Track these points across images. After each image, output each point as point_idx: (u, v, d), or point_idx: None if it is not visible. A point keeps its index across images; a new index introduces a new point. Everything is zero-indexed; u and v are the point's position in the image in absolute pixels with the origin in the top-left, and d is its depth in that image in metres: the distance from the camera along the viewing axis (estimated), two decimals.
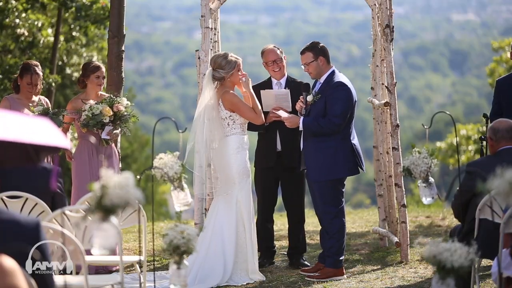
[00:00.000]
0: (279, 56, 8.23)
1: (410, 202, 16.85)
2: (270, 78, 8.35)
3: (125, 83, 9.46)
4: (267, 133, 8.18)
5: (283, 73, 8.28)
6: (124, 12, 9.36)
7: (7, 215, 3.61)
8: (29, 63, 8.51)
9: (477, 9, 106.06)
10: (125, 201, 4.12)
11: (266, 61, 8.27)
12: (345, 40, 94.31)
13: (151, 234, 6.65)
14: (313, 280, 7.63)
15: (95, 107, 8.04)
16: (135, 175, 4.32)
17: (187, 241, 4.56)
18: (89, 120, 8.05)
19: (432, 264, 4.15)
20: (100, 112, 8.03)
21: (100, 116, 8.03)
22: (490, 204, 5.90)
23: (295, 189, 8.29)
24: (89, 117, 8.04)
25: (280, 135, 8.16)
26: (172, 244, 4.56)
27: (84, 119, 8.08)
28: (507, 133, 6.13)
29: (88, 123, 8.06)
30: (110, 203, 4.10)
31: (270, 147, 8.20)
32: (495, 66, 19.91)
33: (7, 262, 3.20)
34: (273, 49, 8.27)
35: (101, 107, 8.05)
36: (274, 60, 8.23)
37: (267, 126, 8.07)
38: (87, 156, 8.21)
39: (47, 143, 3.52)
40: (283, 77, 8.28)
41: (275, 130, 8.12)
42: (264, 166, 8.23)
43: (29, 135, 3.46)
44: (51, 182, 6.21)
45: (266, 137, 8.22)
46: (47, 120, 3.71)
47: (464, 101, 77.60)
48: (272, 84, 8.30)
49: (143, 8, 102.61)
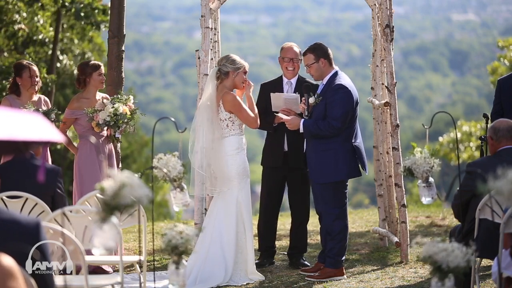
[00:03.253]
0: (297, 56, 8.24)
1: (408, 202, 16.84)
2: (282, 77, 8.34)
3: (125, 83, 9.46)
4: (276, 133, 8.20)
5: (295, 73, 8.29)
6: (124, 12, 9.35)
7: (7, 215, 3.61)
8: (21, 61, 8.63)
9: (477, 9, 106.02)
10: (136, 200, 4.13)
11: (284, 56, 8.27)
12: (345, 40, 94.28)
13: (151, 234, 6.65)
14: (313, 280, 7.63)
15: (117, 107, 8.04)
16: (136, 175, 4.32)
17: (185, 241, 4.56)
18: (111, 121, 8.04)
19: (429, 264, 4.14)
20: (122, 112, 8.04)
21: (124, 117, 8.05)
22: (490, 204, 5.90)
23: (301, 189, 8.31)
24: (112, 118, 8.03)
25: (287, 136, 8.18)
26: (171, 244, 4.56)
27: (106, 120, 8.05)
28: (507, 133, 6.13)
29: (109, 123, 8.05)
30: (123, 202, 4.10)
31: (277, 147, 8.23)
32: (498, 65, 19.87)
33: (6, 262, 3.20)
34: (295, 48, 8.28)
35: (122, 107, 8.06)
36: (292, 58, 8.23)
37: (276, 127, 8.10)
38: (86, 157, 8.20)
39: (37, 138, 3.51)
40: (294, 77, 8.29)
41: (283, 131, 8.14)
42: (272, 165, 8.26)
43: (19, 131, 3.45)
44: (38, 175, 6.22)
45: (274, 137, 8.24)
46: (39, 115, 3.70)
47: (464, 101, 77.58)
48: (282, 83, 8.30)
49: (143, 8, 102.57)
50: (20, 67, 8.40)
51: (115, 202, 4.12)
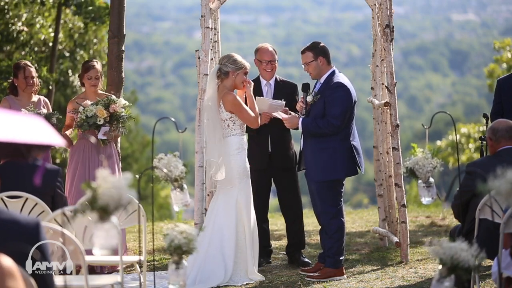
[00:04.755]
0: (275, 57, 8.26)
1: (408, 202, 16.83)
2: (259, 78, 8.35)
3: (125, 83, 9.47)
4: (259, 135, 8.18)
5: (273, 74, 8.30)
6: (124, 12, 9.35)
7: (7, 215, 3.61)
8: (18, 62, 8.65)
9: (477, 9, 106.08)
10: (117, 202, 4.12)
11: (261, 59, 8.28)
12: (345, 40, 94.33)
13: (151, 234, 6.65)
14: (313, 280, 7.63)
15: (88, 109, 8.05)
16: (135, 175, 4.33)
17: (188, 241, 4.56)
18: (83, 122, 8.07)
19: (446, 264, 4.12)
20: (94, 114, 8.04)
21: (94, 118, 8.04)
22: (490, 204, 5.90)
23: (289, 188, 8.33)
24: (83, 119, 8.06)
25: (271, 137, 8.18)
26: (173, 244, 4.55)
27: (78, 121, 8.10)
28: (506, 133, 6.13)
29: (83, 125, 8.08)
30: (103, 203, 4.11)
31: (262, 149, 8.22)
32: (494, 67, 19.86)
33: (6, 262, 3.20)
34: (270, 49, 8.29)
35: (95, 109, 8.06)
36: (270, 60, 8.25)
37: (258, 129, 8.04)
38: (81, 156, 8.21)
39: (38, 142, 3.51)
40: (272, 78, 8.30)
41: (267, 132, 8.14)
42: (257, 168, 8.22)
43: (21, 134, 3.45)
44: (34, 178, 6.22)
45: (257, 139, 8.23)
46: (40, 119, 3.70)
47: (464, 101, 77.64)
48: (261, 85, 8.30)
49: (143, 8, 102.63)
50: (16, 68, 8.44)
51: (95, 203, 4.12)
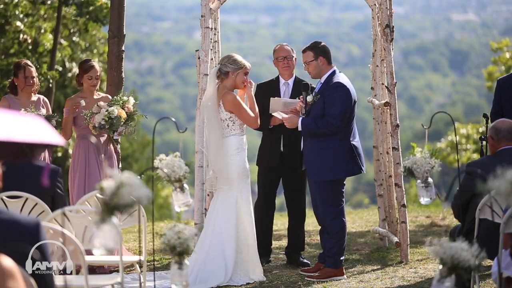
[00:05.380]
0: (290, 54, 8.27)
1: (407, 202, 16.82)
2: (278, 78, 8.36)
3: (125, 83, 9.46)
4: (272, 134, 8.21)
5: (291, 72, 8.31)
6: (124, 12, 9.35)
7: (7, 215, 3.61)
8: (19, 61, 8.63)
9: (477, 9, 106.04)
10: (135, 200, 4.13)
11: (277, 56, 8.31)
12: (345, 40, 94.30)
13: (151, 234, 6.65)
14: (313, 280, 7.62)
15: (111, 110, 8.01)
16: (135, 175, 4.32)
17: (183, 241, 4.56)
18: (106, 124, 8.02)
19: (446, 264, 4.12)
20: (116, 115, 8.02)
21: (117, 119, 8.02)
22: (490, 204, 5.90)
23: (297, 188, 8.32)
24: (107, 121, 8.01)
25: (284, 136, 8.18)
26: (169, 244, 4.56)
27: (101, 124, 8.03)
28: (508, 134, 6.13)
29: (105, 127, 8.03)
30: (122, 202, 4.11)
31: (274, 148, 8.24)
32: (493, 69, 19.86)
33: (6, 263, 3.20)
34: (286, 46, 8.34)
35: (116, 111, 8.03)
36: (285, 56, 8.26)
37: (272, 128, 8.12)
38: (84, 156, 8.20)
39: (40, 141, 3.51)
40: (291, 78, 8.30)
41: (280, 132, 8.15)
42: (267, 165, 8.26)
43: (22, 133, 3.46)
44: (42, 179, 6.22)
45: (271, 138, 8.25)
46: (40, 118, 3.71)
47: (464, 101, 77.60)
48: (279, 85, 8.31)
49: (143, 8, 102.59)
50: (17, 67, 8.44)
51: (114, 202, 4.12)
